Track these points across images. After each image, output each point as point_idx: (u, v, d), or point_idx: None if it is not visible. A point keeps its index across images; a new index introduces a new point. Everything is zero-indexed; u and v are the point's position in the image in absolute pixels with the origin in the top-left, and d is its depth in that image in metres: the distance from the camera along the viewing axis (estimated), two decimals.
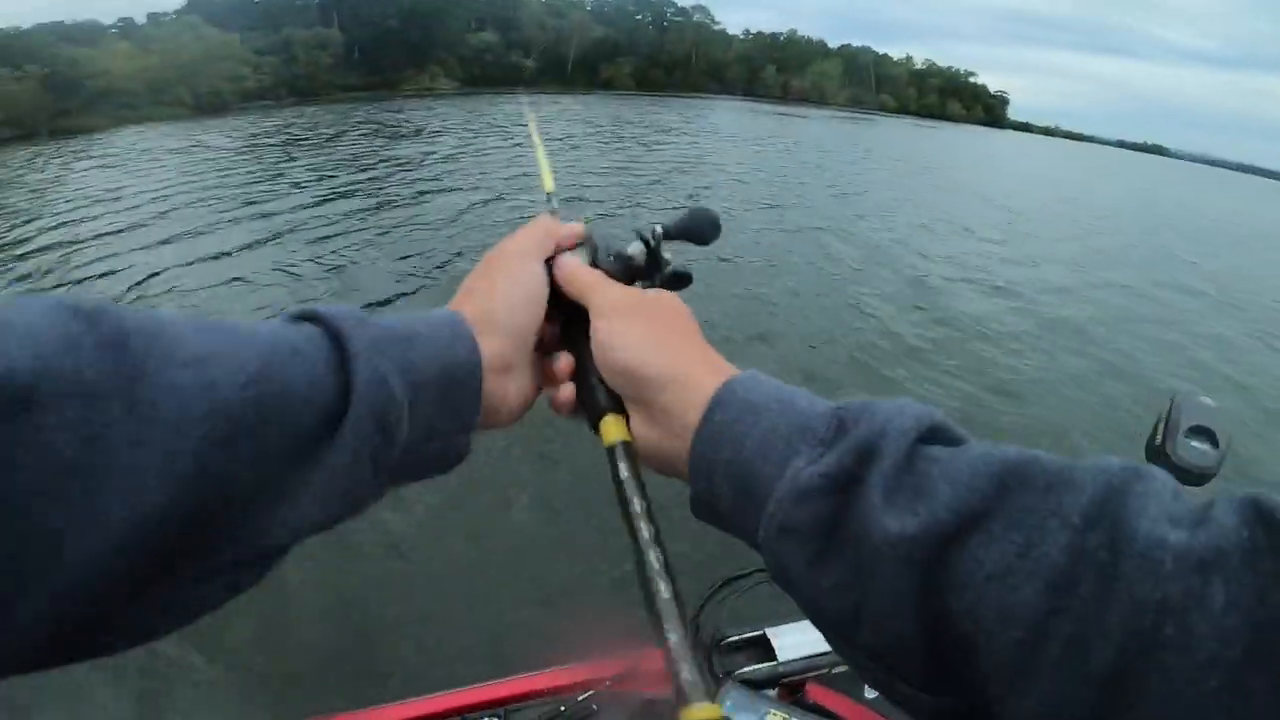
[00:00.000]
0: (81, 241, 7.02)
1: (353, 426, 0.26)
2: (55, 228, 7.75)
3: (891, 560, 0.23)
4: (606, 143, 15.30)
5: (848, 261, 6.93)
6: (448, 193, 9.05)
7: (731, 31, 69.86)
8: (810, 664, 0.79)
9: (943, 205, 11.57)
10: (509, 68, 53.66)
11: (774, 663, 0.78)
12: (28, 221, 8.21)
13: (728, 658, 0.80)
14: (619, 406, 0.36)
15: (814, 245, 7.50)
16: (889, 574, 0.23)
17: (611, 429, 0.35)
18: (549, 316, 0.39)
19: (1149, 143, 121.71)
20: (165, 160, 13.35)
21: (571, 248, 0.42)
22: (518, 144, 14.46)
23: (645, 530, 0.30)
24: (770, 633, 0.80)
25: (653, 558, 0.28)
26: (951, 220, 10.06)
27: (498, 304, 0.36)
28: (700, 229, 0.45)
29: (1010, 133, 78.38)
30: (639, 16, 64.13)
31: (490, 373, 0.34)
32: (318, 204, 8.45)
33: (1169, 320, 6.28)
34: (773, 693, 0.78)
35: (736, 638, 0.81)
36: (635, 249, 0.44)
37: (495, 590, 2.31)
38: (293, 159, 12.77)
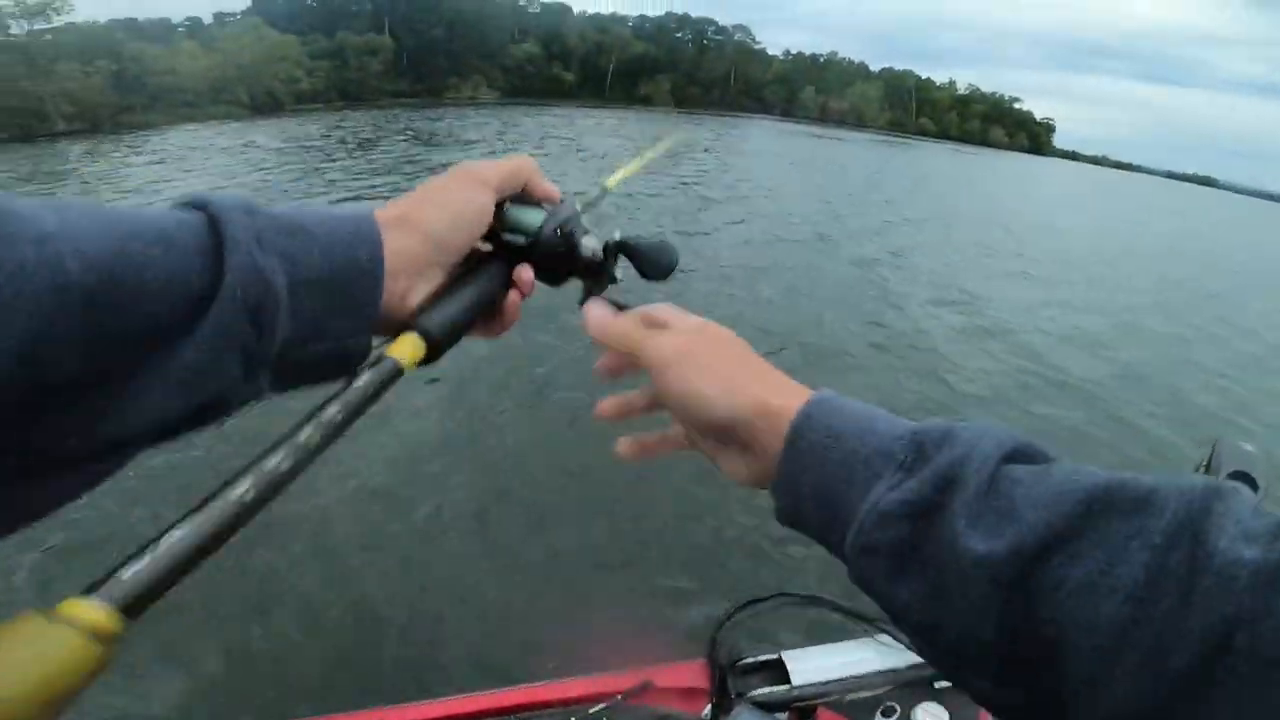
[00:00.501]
0: None
1: (217, 318, 0.25)
2: None
3: (976, 580, 0.24)
4: (631, 155, 15.33)
5: (846, 279, 6.89)
6: None
7: (772, 52, 70.25)
8: (823, 690, 0.78)
9: (957, 227, 11.42)
10: (550, 79, 54.77)
11: (787, 686, 0.78)
12: None
13: (743, 679, 0.80)
14: (438, 343, 0.33)
15: (809, 260, 7.52)
16: (973, 592, 0.24)
17: (405, 347, 0.32)
18: (479, 251, 0.37)
19: (1198, 174, 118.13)
20: (216, 158, 13.90)
21: (531, 200, 0.40)
22: (546, 154, 14.71)
23: (308, 435, 0.26)
24: (786, 656, 0.80)
25: (280, 459, 0.25)
26: (962, 241, 9.95)
27: (428, 209, 0.34)
28: (657, 262, 0.41)
29: (1054, 160, 76.93)
30: (679, 34, 64.91)
31: (397, 274, 0.32)
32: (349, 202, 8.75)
33: (1208, 362, 6.06)
34: (784, 716, 0.77)
35: (753, 660, 0.81)
36: (590, 244, 0.40)
37: (509, 597, 2.32)
38: (333, 160, 13.19)
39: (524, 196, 0.40)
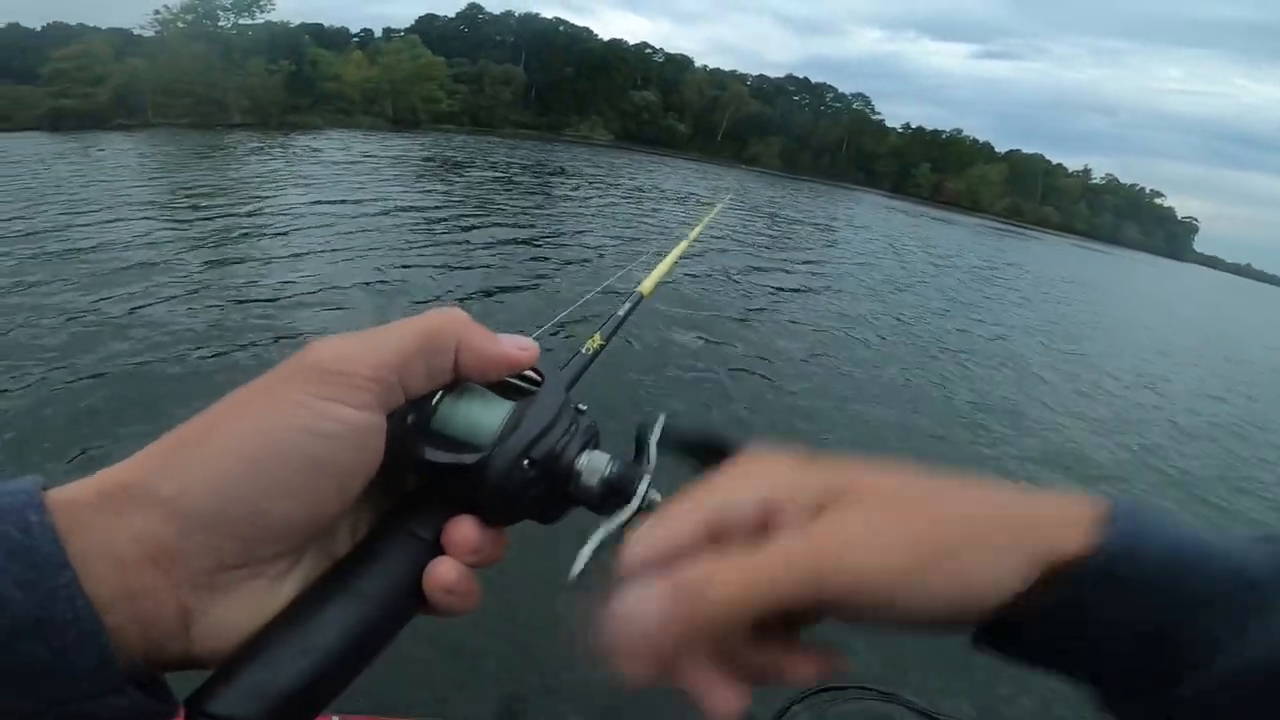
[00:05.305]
0: (270, 214, 8.53)
1: None
2: (257, 202, 9.30)
3: None
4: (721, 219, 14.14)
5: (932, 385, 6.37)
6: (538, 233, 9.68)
7: (890, 124, 68.73)
8: None
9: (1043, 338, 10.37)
10: (663, 129, 56.98)
11: None
12: (238, 193, 9.97)
13: None
14: None
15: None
16: None
17: None
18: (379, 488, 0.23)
19: None
20: (356, 161, 15.43)
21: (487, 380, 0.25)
22: (622, 196, 14.95)
23: None
24: None
25: None
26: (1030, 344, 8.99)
27: (192, 458, 0.20)
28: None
29: (1189, 266, 69.69)
30: (797, 97, 65.73)
31: (125, 599, 0.18)
32: (455, 220, 9.43)
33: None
34: None
35: None
36: (592, 467, 0.25)
37: (556, 645, 2.15)
38: (448, 178, 14.25)
39: (466, 378, 0.24)
